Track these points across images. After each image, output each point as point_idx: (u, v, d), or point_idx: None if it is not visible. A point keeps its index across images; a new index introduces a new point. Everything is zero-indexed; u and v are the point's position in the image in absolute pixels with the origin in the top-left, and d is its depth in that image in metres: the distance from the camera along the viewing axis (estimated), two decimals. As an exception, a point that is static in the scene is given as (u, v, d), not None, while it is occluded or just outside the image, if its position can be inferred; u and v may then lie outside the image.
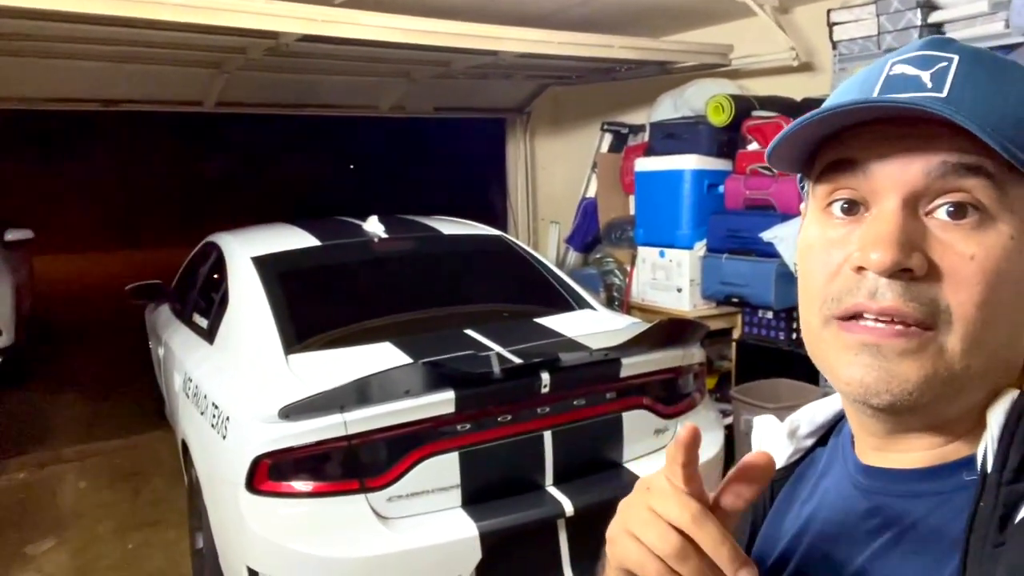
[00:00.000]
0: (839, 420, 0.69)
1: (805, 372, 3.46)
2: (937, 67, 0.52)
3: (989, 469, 0.51)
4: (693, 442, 0.53)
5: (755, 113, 3.82)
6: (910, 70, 0.53)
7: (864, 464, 0.61)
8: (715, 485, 0.56)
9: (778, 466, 0.69)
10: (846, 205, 0.55)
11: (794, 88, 3.98)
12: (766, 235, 3.43)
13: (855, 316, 0.53)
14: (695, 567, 0.51)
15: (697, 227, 3.90)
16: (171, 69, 4.30)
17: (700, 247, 3.88)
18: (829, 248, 0.56)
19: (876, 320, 0.52)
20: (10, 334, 5.71)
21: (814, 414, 0.70)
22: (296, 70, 4.55)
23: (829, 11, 3.31)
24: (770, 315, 3.67)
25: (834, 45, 3.29)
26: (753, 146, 3.79)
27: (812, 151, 0.58)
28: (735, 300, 3.76)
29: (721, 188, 3.89)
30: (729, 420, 3.40)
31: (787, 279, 3.42)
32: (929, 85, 0.52)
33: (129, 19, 2.74)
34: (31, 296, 7.00)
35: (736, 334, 3.92)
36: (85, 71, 4.15)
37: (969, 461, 0.54)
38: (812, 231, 0.58)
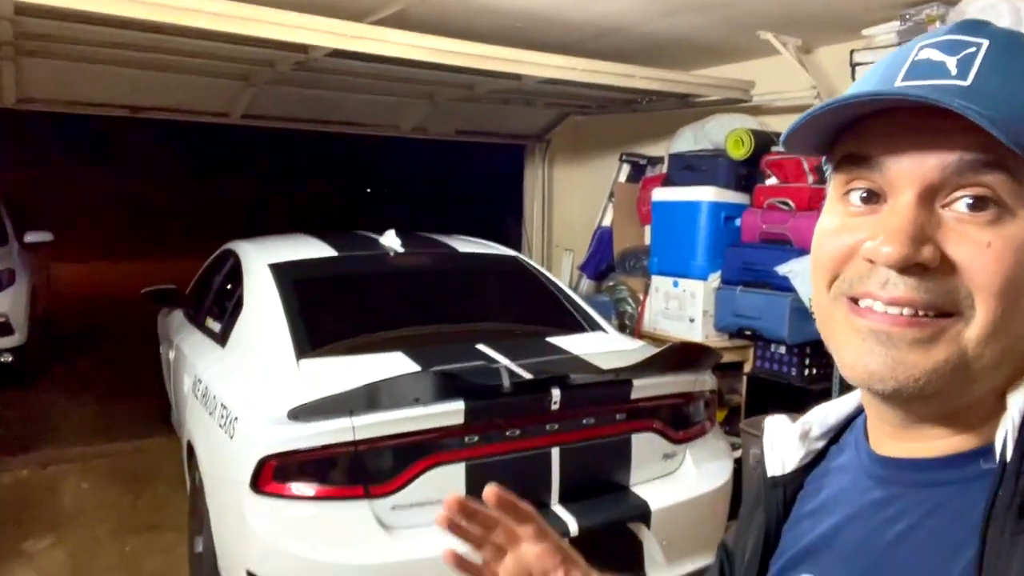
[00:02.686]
0: (851, 421, 0.69)
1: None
2: (964, 53, 0.51)
3: (1008, 458, 0.50)
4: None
5: (774, 148, 3.85)
6: (936, 55, 0.52)
7: (879, 455, 0.60)
8: (723, 515, 0.57)
9: (790, 468, 0.69)
10: (865, 195, 0.55)
11: (814, 126, 3.99)
12: (782, 269, 3.43)
13: (866, 298, 0.53)
14: None
15: (712, 259, 3.90)
16: (200, 79, 4.38)
17: (714, 278, 3.88)
18: (842, 232, 0.56)
19: (887, 308, 0.52)
20: (23, 334, 5.76)
21: (826, 415, 0.70)
22: (322, 86, 4.62)
23: (852, 52, 3.35)
24: (783, 350, 3.65)
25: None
26: (771, 180, 3.81)
27: (830, 138, 0.58)
28: (748, 333, 3.74)
29: (738, 221, 3.90)
30: (738, 453, 3.36)
31: (802, 313, 3.40)
32: (954, 72, 0.51)
33: (162, 25, 2.80)
34: (47, 298, 7.07)
35: (747, 368, 3.89)
36: (115, 76, 4.23)
37: (987, 450, 0.53)
38: (829, 217, 0.58)
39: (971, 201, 0.50)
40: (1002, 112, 0.47)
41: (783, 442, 0.70)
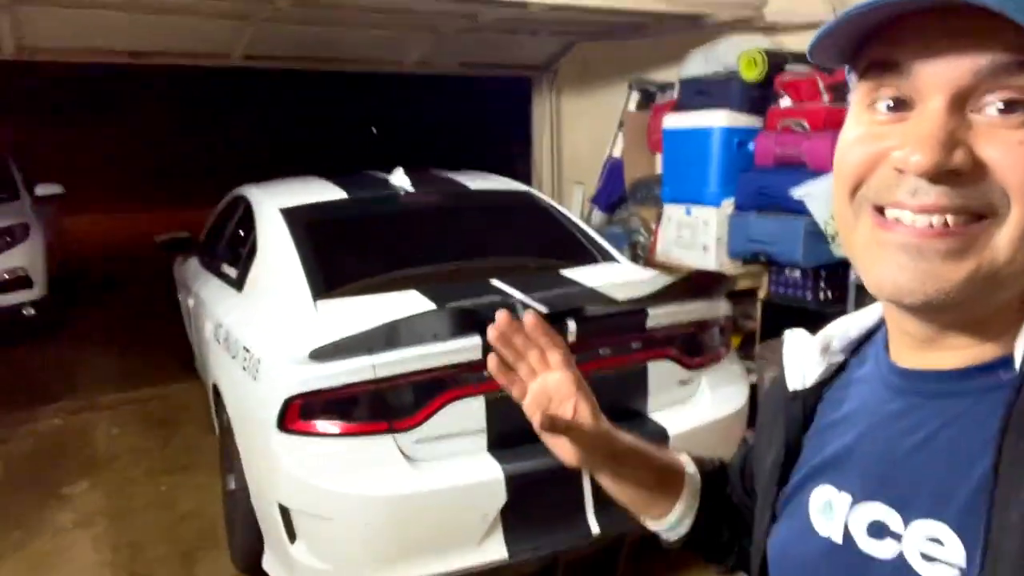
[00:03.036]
0: (871, 334, 0.68)
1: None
2: None
3: None
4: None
5: (788, 68, 3.74)
6: None
7: (899, 366, 0.60)
8: (739, 438, 0.58)
9: (811, 382, 0.69)
10: (891, 103, 0.54)
11: (829, 43, 3.88)
12: (797, 192, 3.38)
13: (893, 207, 0.52)
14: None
15: (725, 185, 3.84)
16: (198, 20, 4.29)
17: (728, 204, 3.83)
18: (867, 140, 0.54)
19: (915, 220, 0.51)
20: (42, 287, 5.83)
21: (847, 328, 0.70)
22: (321, 23, 4.52)
23: (869, -39, 3.22)
24: (797, 274, 3.63)
25: (873, -4, 3.19)
26: (785, 102, 3.72)
27: (856, 46, 0.56)
28: (762, 258, 3.72)
29: (751, 145, 3.82)
30: (754, 378, 3.40)
31: (816, 237, 3.37)
32: None
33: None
34: (61, 251, 7.12)
35: (762, 293, 3.88)
36: (113, 21, 4.15)
37: (1006, 361, 0.53)
38: (852, 127, 0.57)
39: (1002, 105, 0.49)
40: None
41: (803, 356, 0.70)
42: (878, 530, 0.57)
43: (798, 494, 0.67)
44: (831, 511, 0.62)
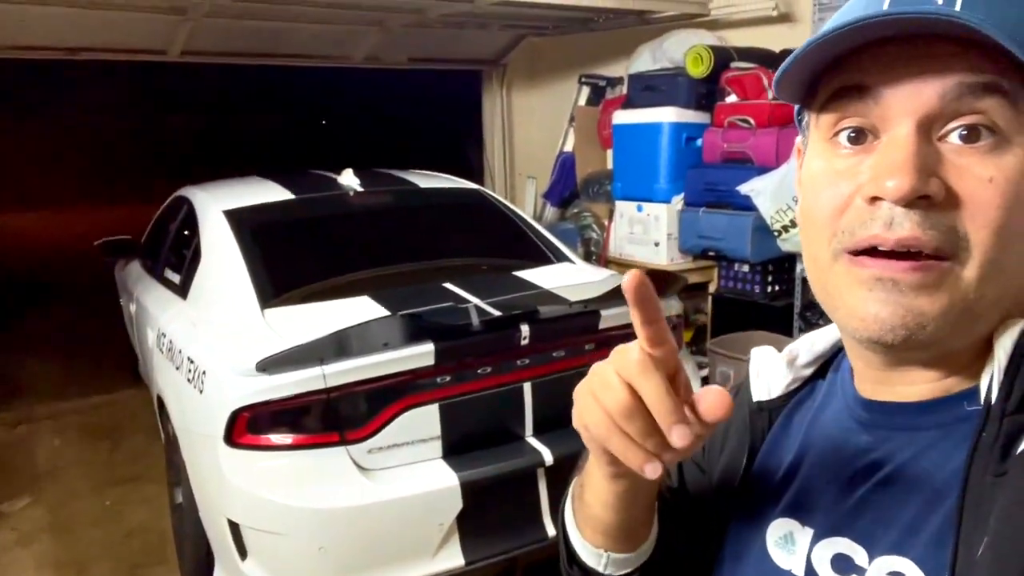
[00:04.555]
0: (839, 351, 0.67)
1: (780, 325, 3.51)
2: None
3: (993, 399, 0.50)
4: (641, 291, 0.51)
5: (734, 64, 3.79)
6: None
7: (864, 398, 0.60)
8: None
9: (776, 394, 0.69)
10: (853, 134, 0.53)
11: (773, 40, 3.94)
12: (743, 188, 3.43)
13: (868, 250, 0.51)
14: (640, 427, 0.51)
15: (675, 181, 3.89)
16: (135, 16, 4.14)
17: (678, 201, 3.87)
18: (837, 179, 0.53)
19: (891, 253, 0.50)
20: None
21: (813, 342, 0.69)
22: (264, 17, 4.40)
23: (810, -41, 3.27)
24: (746, 268, 3.70)
25: (814, -6, 3.25)
26: (731, 98, 3.77)
27: (814, 79, 0.56)
28: (712, 254, 3.78)
29: (699, 141, 3.87)
30: (705, 372, 3.45)
31: (763, 232, 3.44)
32: (940, 1, 0.47)
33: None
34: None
35: (712, 288, 3.95)
36: (47, 17, 3.98)
37: (971, 392, 0.53)
38: (816, 163, 0.56)
39: (965, 132, 0.49)
40: (1000, 32, 0.45)
41: (769, 368, 0.70)
42: (842, 565, 0.57)
43: (752, 524, 0.66)
44: (792, 544, 0.61)
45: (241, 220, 2.87)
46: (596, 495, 0.64)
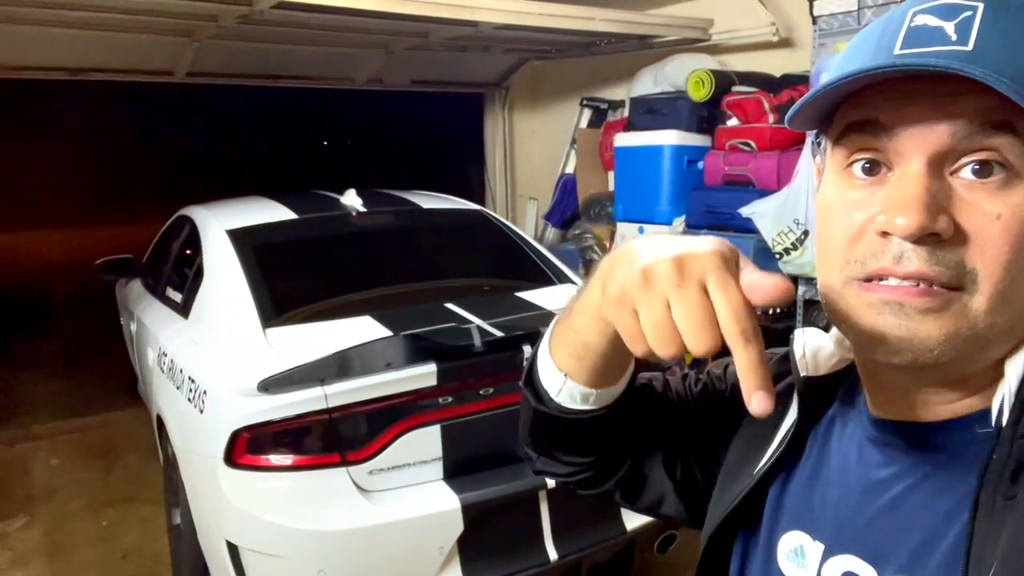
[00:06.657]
0: None
1: (780, 347, 3.50)
2: (962, 16, 0.50)
3: (1004, 422, 0.51)
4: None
5: (735, 88, 3.82)
6: (933, 20, 0.51)
7: (876, 417, 0.60)
8: None
9: (822, 371, 0.68)
10: (867, 165, 0.54)
11: (774, 64, 3.98)
12: (745, 211, 3.44)
13: (878, 277, 0.52)
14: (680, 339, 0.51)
15: (676, 203, 3.90)
16: (141, 37, 4.17)
17: (679, 223, 3.89)
18: (850, 209, 0.54)
19: (901, 282, 0.51)
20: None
21: None
22: (269, 39, 4.44)
23: (810, -14, 3.31)
24: (748, 290, 3.69)
25: (814, 20, 3.29)
26: (733, 121, 3.79)
27: (831, 109, 0.57)
28: (713, 275, 3.77)
29: (700, 164, 3.89)
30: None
31: (765, 254, 3.44)
32: (953, 38, 0.49)
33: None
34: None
35: (714, 310, 3.94)
36: (53, 38, 4.02)
37: (983, 415, 0.53)
38: (831, 192, 0.57)
39: (977, 167, 0.50)
40: (1007, 75, 0.46)
41: (815, 346, 0.69)
42: None
43: (764, 534, 0.66)
44: (802, 558, 0.62)
45: (244, 239, 2.87)
46: (585, 321, 0.63)
